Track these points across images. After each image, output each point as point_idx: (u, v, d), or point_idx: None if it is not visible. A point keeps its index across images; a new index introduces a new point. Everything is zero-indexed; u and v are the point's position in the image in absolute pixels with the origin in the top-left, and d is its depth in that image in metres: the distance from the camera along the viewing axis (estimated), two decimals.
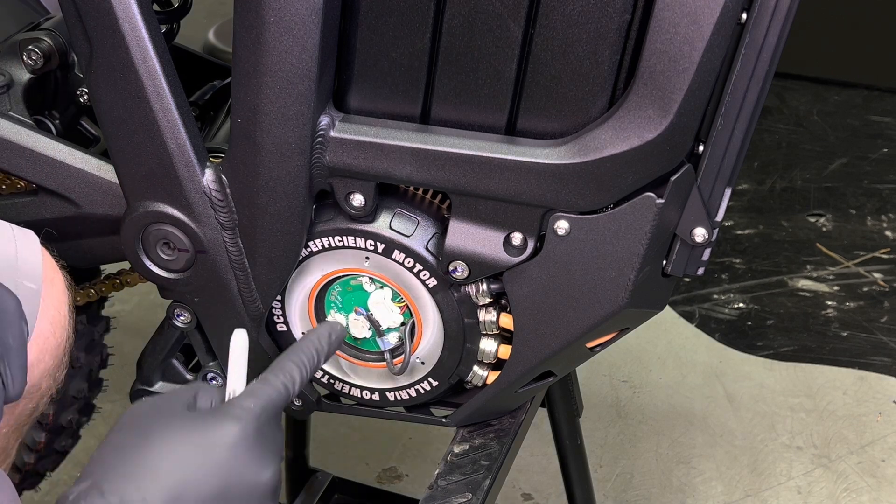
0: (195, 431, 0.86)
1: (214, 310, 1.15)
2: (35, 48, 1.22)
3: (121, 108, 1.06)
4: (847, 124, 2.80)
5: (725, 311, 2.21)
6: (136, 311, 2.09)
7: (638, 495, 1.81)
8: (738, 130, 0.98)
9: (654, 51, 0.93)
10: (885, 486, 1.82)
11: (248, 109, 1.02)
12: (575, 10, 0.95)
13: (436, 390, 1.17)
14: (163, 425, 0.87)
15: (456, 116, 1.02)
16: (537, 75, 0.98)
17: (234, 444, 0.86)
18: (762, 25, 0.93)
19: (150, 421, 0.88)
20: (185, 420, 0.87)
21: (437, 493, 1.13)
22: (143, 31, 1.02)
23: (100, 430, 1.62)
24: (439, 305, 1.10)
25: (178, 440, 0.86)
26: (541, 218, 1.02)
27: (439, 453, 1.77)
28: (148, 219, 1.10)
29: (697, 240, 1.03)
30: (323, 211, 1.09)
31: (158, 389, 1.25)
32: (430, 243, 1.07)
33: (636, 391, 2.02)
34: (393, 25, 0.99)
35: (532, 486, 1.83)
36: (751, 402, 1.99)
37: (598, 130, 0.97)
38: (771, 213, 2.49)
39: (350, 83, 1.03)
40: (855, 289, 2.26)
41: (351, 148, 1.03)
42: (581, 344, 1.09)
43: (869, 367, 2.06)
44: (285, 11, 0.97)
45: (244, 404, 0.88)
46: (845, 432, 1.93)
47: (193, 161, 1.07)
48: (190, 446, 0.85)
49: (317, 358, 0.95)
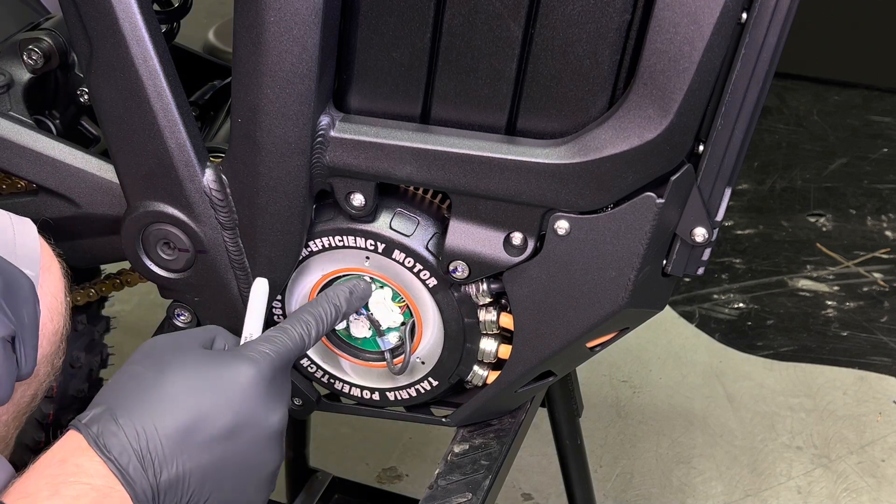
0: (211, 368, 0.88)
1: (215, 309, 1.15)
2: (35, 48, 1.23)
3: (121, 108, 1.06)
4: (847, 124, 2.80)
5: (725, 311, 2.21)
6: (136, 311, 2.09)
7: (638, 495, 1.81)
8: (738, 130, 0.98)
9: (654, 50, 0.93)
10: (885, 486, 1.82)
11: (248, 109, 1.02)
12: (575, 9, 0.95)
13: (436, 390, 1.17)
14: (180, 360, 0.89)
15: (456, 116, 1.02)
16: (537, 75, 0.98)
17: (247, 385, 0.88)
18: (762, 25, 0.93)
19: (168, 355, 0.89)
20: (201, 357, 0.89)
21: (437, 492, 1.13)
22: (143, 31, 1.02)
23: None
24: (439, 305, 1.10)
25: (193, 375, 0.87)
26: (541, 218, 1.02)
27: (439, 453, 1.77)
28: (148, 218, 1.10)
29: (697, 239, 1.03)
30: (323, 211, 1.09)
31: None
32: (430, 243, 1.07)
33: (636, 391, 2.02)
34: (393, 25, 0.99)
35: (532, 486, 1.83)
36: (751, 402, 1.99)
37: (598, 130, 0.97)
38: (771, 213, 2.49)
39: (350, 83, 1.03)
40: (855, 289, 2.26)
41: (351, 148, 1.03)
42: (581, 344, 1.09)
43: (869, 367, 2.06)
44: (285, 11, 0.97)
45: (260, 348, 0.91)
46: (845, 432, 1.93)
47: (193, 161, 1.07)
48: (205, 382, 0.87)
49: (335, 314, 0.99)
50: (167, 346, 0.91)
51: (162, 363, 0.88)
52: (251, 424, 0.88)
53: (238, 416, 0.88)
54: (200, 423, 0.86)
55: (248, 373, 0.89)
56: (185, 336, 0.93)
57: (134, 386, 0.87)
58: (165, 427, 0.84)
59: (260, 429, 0.89)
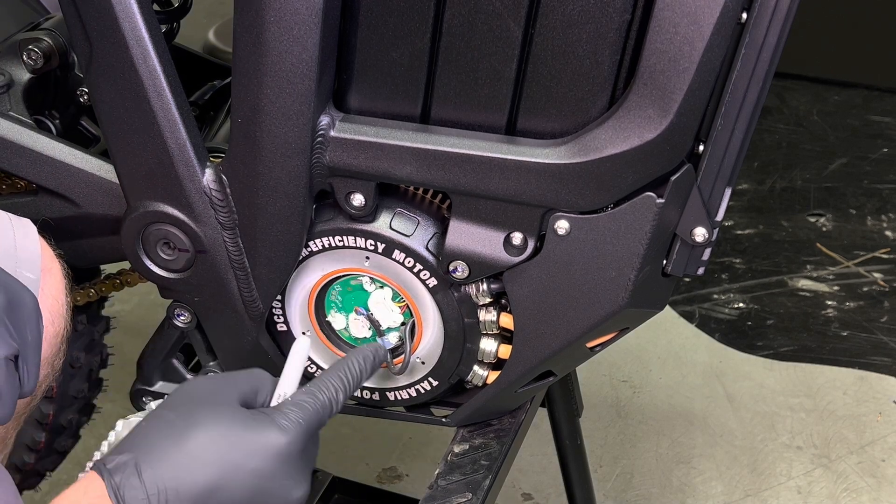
0: (242, 432, 0.87)
1: (215, 309, 1.15)
2: (35, 48, 1.23)
3: (121, 108, 1.06)
4: (847, 124, 2.80)
5: (725, 311, 2.21)
6: (136, 311, 2.09)
7: (638, 495, 1.81)
8: (738, 130, 0.98)
9: (654, 50, 0.93)
10: (885, 486, 1.82)
11: (248, 109, 1.02)
12: (575, 9, 0.95)
13: (436, 390, 1.17)
14: (213, 416, 0.87)
15: (456, 116, 1.02)
16: (537, 75, 0.98)
17: (274, 456, 0.87)
18: (762, 25, 0.93)
19: (203, 406, 0.88)
20: (234, 417, 0.87)
21: (438, 492, 1.13)
22: (143, 31, 1.02)
23: (100, 430, 1.62)
24: (439, 305, 1.10)
25: (223, 436, 0.86)
26: (541, 218, 1.02)
27: (439, 453, 1.77)
28: (148, 219, 1.10)
29: (697, 239, 1.03)
30: (323, 211, 1.09)
31: (158, 389, 1.25)
32: (430, 243, 1.07)
33: (636, 391, 2.02)
34: (393, 25, 0.99)
35: (532, 486, 1.83)
36: (751, 402, 1.99)
37: (598, 130, 0.97)
38: (771, 213, 2.49)
39: (350, 83, 1.03)
40: (855, 289, 2.26)
41: (351, 148, 1.03)
42: (581, 344, 1.09)
43: (869, 367, 2.06)
44: (285, 11, 0.97)
45: (292, 416, 0.89)
46: (845, 432, 1.93)
47: (193, 161, 1.07)
48: (233, 446, 0.86)
49: (359, 377, 0.97)
50: (205, 394, 0.89)
51: (195, 415, 0.87)
52: (272, 497, 0.87)
53: (260, 487, 0.86)
54: (222, 489, 0.85)
55: (279, 442, 0.87)
56: (222, 384, 0.91)
57: (163, 436, 0.86)
58: (188, 490, 0.83)
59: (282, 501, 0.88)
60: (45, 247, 1.02)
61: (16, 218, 1.01)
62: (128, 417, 1.13)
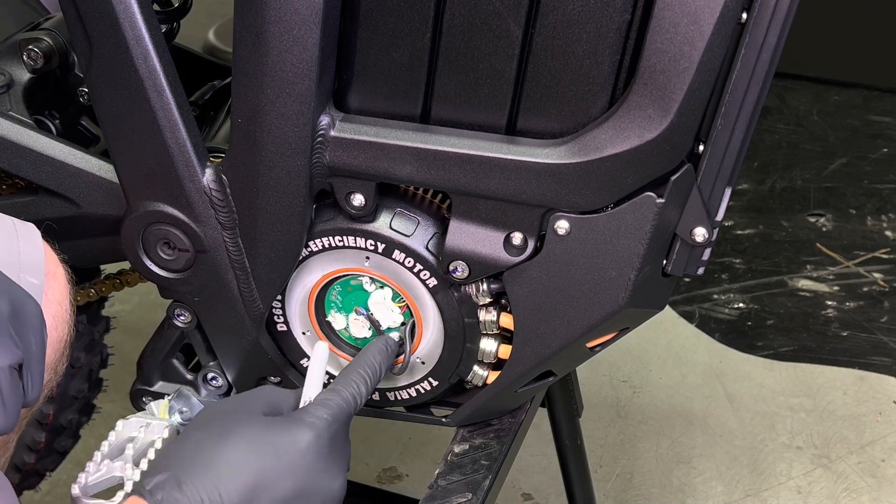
0: (273, 434, 0.89)
1: (215, 309, 1.15)
2: (35, 48, 1.22)
3: (121, 108, 1.06)
4: (847, 124, 2.80)
5: (725, 311, 2.21)
6: (136, 311, 2.09)
7: (638, 495, 1.81)
8: (738, 130, 0.98)
9: (654, 50, 0.93)
10: (885, 486, 1.82)
11: (248, 109, 1.02)
12: (575, 9, 0.95)
13: (436, 390, 1.17)
14: (241, 426, 0.90)
15: (456, 116, 1.02)
16: (537, 75, 0.98)
17: (307, 450, 0.89)
18: (762, 25, 0.93)
19: (229, 420, 0.91)
20: (262, 423, 0.91)
21: (438, 492, 1.13)
22: (143, 31, 1.02)
23: (100, 430, 1.62)
24: (439, 305, 1.10)
25: (255, 440, 0.89)
26: (541, 218, 1.02)
27: (439, 453, 1.77)
28: (148, 219, 1.10)
29: (698, 239, 1.03)
30: (323, 211, 1.09)
31: (158, 389, 1.25)
32: (430, 243, 1.07)
33: (636, 391, 2.02)
34: (393, 25, 0.99)
35: (532, 486, 1.83)
36: (751, 402, 1.99)
37: (598, 130, 0.97)
38: (771, 213, 2.49)
39: (350, 83, 1.03)
40: (855, 289, 2.26)
41: (351, 147, 1.03)
42: (581, 344, 1.09)
43: (869, 367, 2.06)
44: (285, 11, 0.97)
45: (317, 413, 0.92)
46: (845, 432, 1.93)
47: (193, 161, 1.07)
48: (266, 447, 0.88)
49: (379, 371, 1.02)
50: (228, 411, 0.92)
51: (223, 428, 0.89)
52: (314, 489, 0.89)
53: (301, 482, 0.88)
54: (264, 489, 0.87)
55: (308, 437, 0.90)
56: (243, 401, 0.94)
57: (197, 451, 0.88)
58: (230, 493, 0.85)
59: (323, 493, 0.90)
60: (49, 251, 1.02)
61: (19, 222, 1.01)
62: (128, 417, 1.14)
